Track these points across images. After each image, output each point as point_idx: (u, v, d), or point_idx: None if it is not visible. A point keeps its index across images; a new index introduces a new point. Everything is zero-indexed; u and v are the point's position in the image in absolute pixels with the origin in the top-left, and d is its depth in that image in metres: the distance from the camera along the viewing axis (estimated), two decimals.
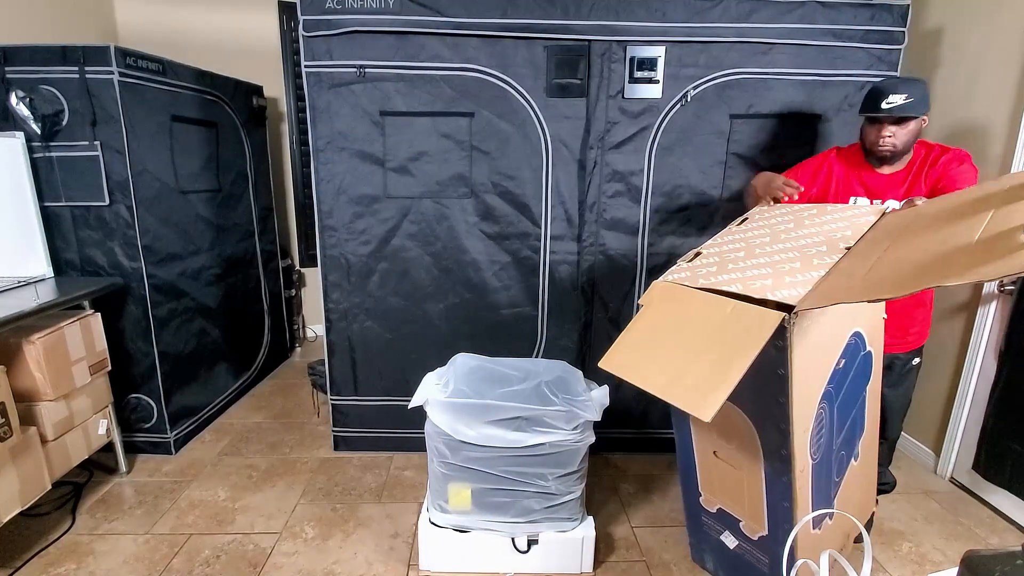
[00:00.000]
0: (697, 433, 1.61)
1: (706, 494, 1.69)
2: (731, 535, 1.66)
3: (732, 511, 1.62)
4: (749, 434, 1.43)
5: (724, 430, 1.50)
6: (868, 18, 2.10)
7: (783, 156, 2.23)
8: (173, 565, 1.84)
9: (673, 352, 1.21)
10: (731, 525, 1.64)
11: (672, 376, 1.16)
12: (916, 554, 1.93)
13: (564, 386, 1.72)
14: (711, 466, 1.61)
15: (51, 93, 2.09)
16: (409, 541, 1.97)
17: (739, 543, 1.64)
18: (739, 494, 1.56)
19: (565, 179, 2.25)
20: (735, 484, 1.55)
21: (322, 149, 2.20)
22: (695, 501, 1.73)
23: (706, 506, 1.70)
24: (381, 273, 2.34)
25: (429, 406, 1.70)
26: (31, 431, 1.82)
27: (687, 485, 1.73)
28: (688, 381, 1.13)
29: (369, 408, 2.50)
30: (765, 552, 1.57)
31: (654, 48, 2.11)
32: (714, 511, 1.69)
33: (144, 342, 2.35)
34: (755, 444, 1.43)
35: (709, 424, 1.43)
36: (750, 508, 1.54)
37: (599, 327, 2.41)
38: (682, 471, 1.73)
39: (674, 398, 1.14)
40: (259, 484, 2.30)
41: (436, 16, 2.06)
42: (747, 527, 1.60)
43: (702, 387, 1.10)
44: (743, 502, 1.56)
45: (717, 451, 1.57)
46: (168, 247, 2.43)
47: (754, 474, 1.47)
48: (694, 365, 1.15)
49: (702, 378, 1.11)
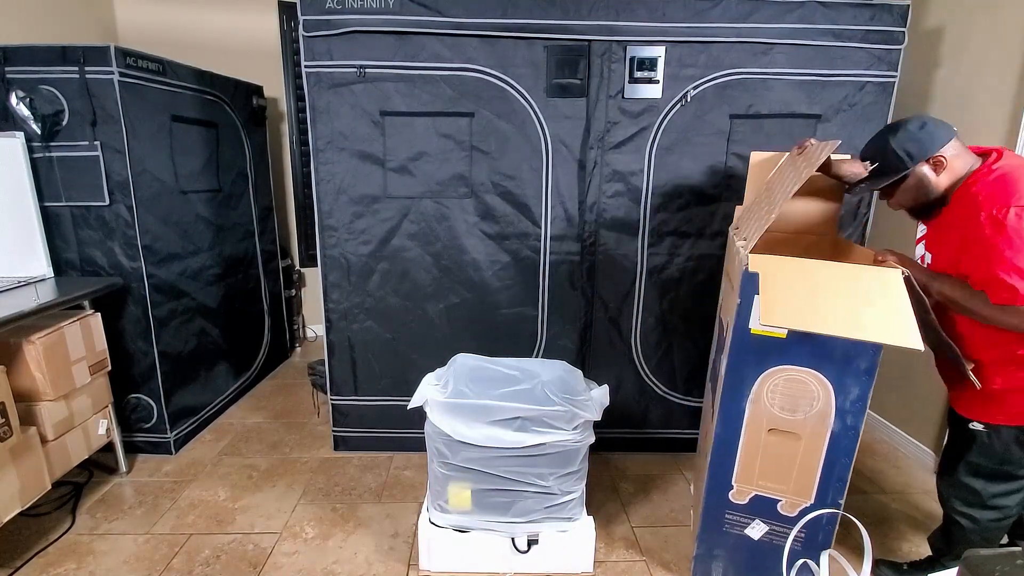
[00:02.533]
0: (754, 414, 1.61)
1: (739, 485, 1.69)
2: (761, 523, 1.68)
3: (772, 492, 1.65)
4: (825, 398, 1.52)
5: (792, 401, 1.56)
6: (868, 18, 2.10)
7: None
8: (173, 565, 1.84)
9: (829, 306, 1.37)
10: (765, 511, 1.67)
11: (851, 323, 1.34)
12: (916, 554, 1.93)
13: (564, 386, 1.72)
14: (758, 448, 1.63)
15: (51, 93, 2.10)
16: (409, 541, 1.97)
17: (769, 529, 1.67)
18: (787, 469, 1.61)
19: (565, 179, 2.25)
20: (787, 459, 1.60)
21: (322, 149, 2.20)
22: (721, 497, 1.71)
23: (736, 499, 1.70)
24: (381, 273, 2.34)
25: (429, 406, 1.70)
26: (31, 431, 1.82)
27: (717, 480, 1.70)
28: (871, 327, 1.32)
29: (369, 408, 2.50)
30: (806, 526, 1.62)
31: (654, 48, 2.11)
32: (745, 502, 1.69)
33: (144, 342, 2.35)
34: (828, 408, 1.52)
35: (772, 399, 1.57)
36: (799, 481, 1.60)
37: (599, 327, 2.41)
38: (713, 467, 1.69)
39: (878, 337, 1.32)
40: (259, 484, 2.30)
41: (436, 16, 2.06)
42: (787, 505, 1.64)
43: (893, 329, 1.30)
44: (790, 477, 1.61)
45: (775, 427, 1.60)
46: (168, 247, 2.43)
47: (817, 439, 1.55)
48: (863, 315, 1.33)
49: (884, 322, 1.31)
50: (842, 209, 1.95)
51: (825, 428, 1.53)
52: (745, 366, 1.57)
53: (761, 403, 1.58)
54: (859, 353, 1.45)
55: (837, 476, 1.56)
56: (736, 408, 1.61)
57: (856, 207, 2.29)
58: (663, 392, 2.49)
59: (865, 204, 2.29)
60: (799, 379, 1.53)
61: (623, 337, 2.43)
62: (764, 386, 1.57)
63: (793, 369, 1.53)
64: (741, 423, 1.62)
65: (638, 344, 2.43)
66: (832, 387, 1.50)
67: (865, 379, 1.47)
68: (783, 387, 1.55)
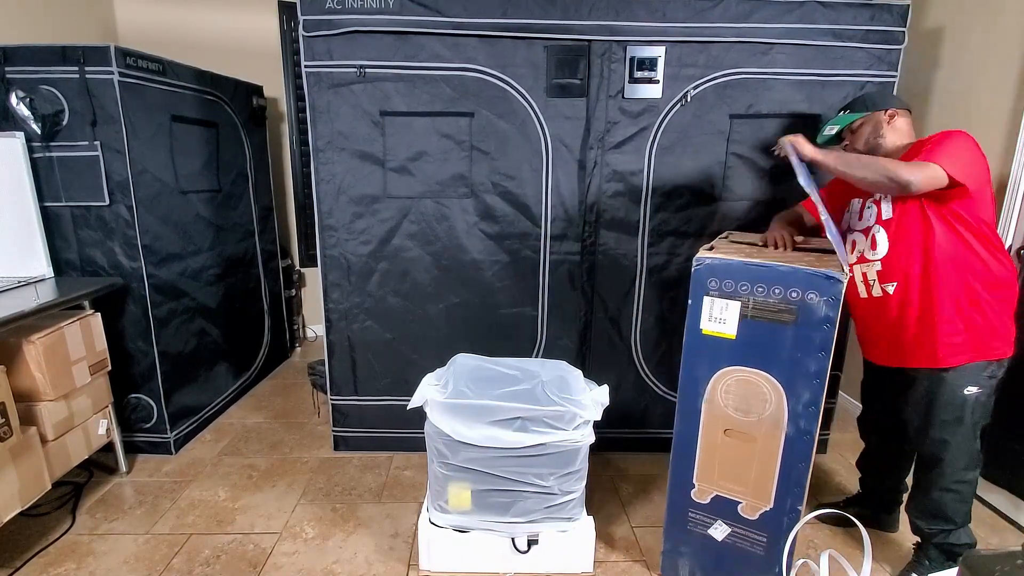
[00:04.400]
0: (709, 414, 1.64)
1: (701, 484, 1.71)
2: (723, 524, 1.69)
3: (732, 494, 1.66)
4: (777, 401, 1.53)
5: (746, 402, 1.58)
6: (868, 18, 2.10)
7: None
8: (173, 565, 1.84)
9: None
10: (726, 512, 1.68)
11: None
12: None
13: (564, 386, 1.72)
14: (716, 449, 1.65)
15: (51, 93, 2.10)
16: (409, 541, 1.97)
17: (731, 531, 1.68)
18: (746, 471, 1.62)
19: (565, 179, 2.25)
20: (744, 461, 1.61)
21: (322, 149, 2.20)
22: (684, 496, 1.74)
23: (697, 499, 1.72)
24: (381, 273, 2.34)
25: (428, 407, 1.70)
26: (31, 431, 1.82)
27: (679, 479, 1.74)
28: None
29: (369, 408, 2.50)
30: (763, 530, 1.63)
31: (654, 48, 2.11)
32: (706, 502, 1.71)
33: (144, 342, 2.35)
34: (781, 411, 1.53)
35: (726, 399, 1.59)
36: (757, 484, 1.61)
37: (599, 327, 2.41)
38: (676, 464, 1.73)
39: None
40: (259, 484, 2.30)
41: (436, 16, 2.06)
42: (747, 508, 1.64)
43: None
44: (748, 480, 1.62)
45: (729, 428, 1.62)
46: (168, 247, 2.43)
47: (772, 442, 1.56)
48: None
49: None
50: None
51: (779, 431, 1.54)
52: (698, 366, 1.61)
53: (716, 403, 1.61)
54: (807, 355, 1.47)
55: (795, 481, 1.56)
56: (693, 406, 1.65)
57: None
58: (663, 392, 2.49)
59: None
60: (751, 380, 1.55)
61: (623, 337, 2.43)
62: (718, 386, 1.60)
63: (744, 370, 1.56)
64: (698, 422, 1.65)
65: (638, 344, 2.43)
66: (784, 390, 1.52)
67: (816, 383, 1.47)
68: (735, 388, 1.58)
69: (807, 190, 1.60)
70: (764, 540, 1.63)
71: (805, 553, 1.92)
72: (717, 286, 1.54)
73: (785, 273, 1.46)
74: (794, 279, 1.45)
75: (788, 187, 2.28)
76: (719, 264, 1.53)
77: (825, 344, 1.45)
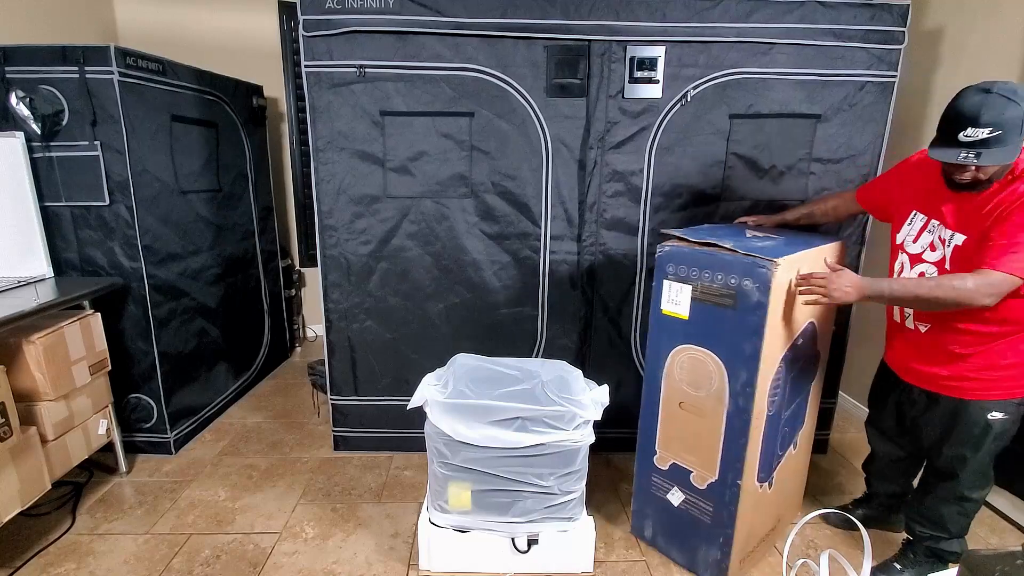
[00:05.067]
0: (668, 387, 1.79)
1: (661, 451, 1.86)
2: (679, 491, 1.82)
3: (685, 463, 1.79)
4: (720, 378, 1.64)
5: (695, 378, 1.70)
6: (868, 18, 2.10)
7: (782, 156, 2.24)
8: (173, 565, 1.84)
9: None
10: (681, 480, 1.81)
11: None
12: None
13: (564, 386, 1.72)
14: (673, 419, 1.80)
15: (51, 93, 2.10)
16: (409, 541, 1.97)
17: (685, 497, 1.81)
18: (697, 443, 1.74)
19: (565, 179, 2.25)
20: (695, 434, 1.74)
21: (322, 149, 2.20)
22: (648, 460, 1.89)
23: (659, 464, 1.87)
24: (381, 273, 2.34)
25: (428, 407, 1.70)
26: (31, 431, 1.82)
27: (645, 445, 1.89)
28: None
29: (369, 408, 2.50)
30: (710, 499, 1.74)
31: (654, 48, 2.11)
32: (666, 468, 1.85)
33: (144, 342, 2.35)
34: (723, 388, 1.64)
35: (681, 374, 1.73)
36: (705, 456, 1.73)
37: (599, 327, 2.41)
38: (642, 431, 1.89)
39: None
40: (259, 484, 2.30)
41: (436, 16, 2.06)
42: (697, 477, 1.77)
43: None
44: (699, 451, 1.74)
45: (683, 402, 1.75)
46: (168, 247, 2.43)
47: (716, 418, 1.67)
48: None
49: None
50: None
51: (722, 407, 1.65)
52: (660, 343, 1.77)
53: (672, 377, 1.77)
54: (744, 338, 1.56)
55: (735, 456, 1.65)
56: (655, 379, 1.81)
57: None
58: None
59: None
60: (699, 358, 1.68)
61: (623, 337, 2.43)
62: (674, 362, 1.75)
63: (694, 348, 1.69)
64: (659, 395, 1.81)
65: (638, 344, 2.43)
66: (725, 369, 1.62)
67: (751, 363, 1.56)
68: (688, 364, 1.72)
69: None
70: (711, 509, 1.75)
71: (805, 553, 1.92)
72: (674, 271, 1.68)
73: (726, 260, 1.56)
74: (732, 266, 1.55)
75: (788, 187, 2.28)
76: (675, 251, 1.67)
77: (758, 328, 1.53)
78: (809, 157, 2.25)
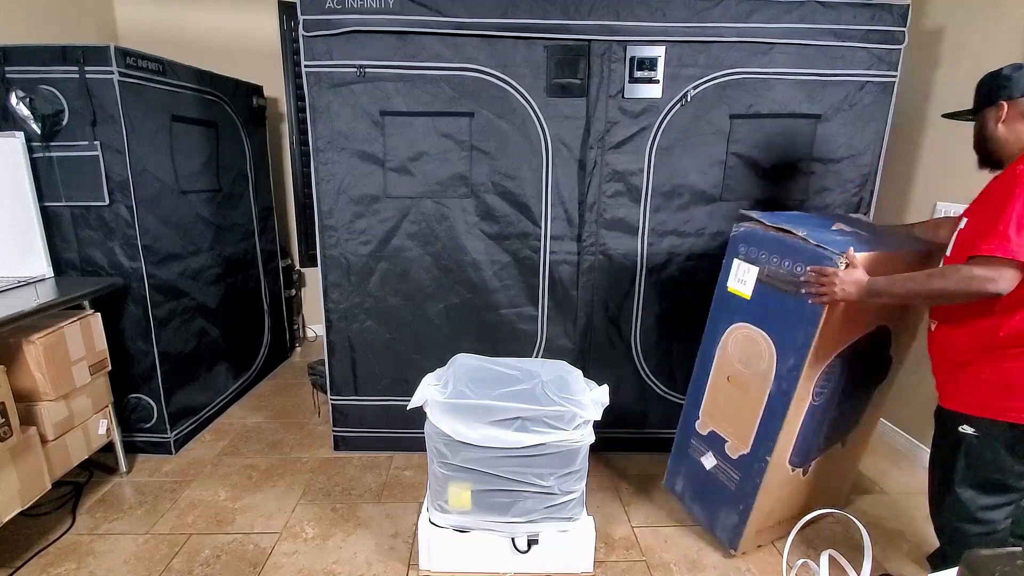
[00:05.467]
0: (719, 360, 1.87)
1: (704, 417, 1.96)
2: (712, 456, 1.91)
3: (723, 432, 1.88)
4: (769, 359, 1.68)
5: (747, 355, 1.76)
6: (868, 18, 2.10)
7: (783, 156, 2.23)
8: (173, 565, 1.84)
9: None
10: (717, 447, 1.90)
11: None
12: (916, 554, 1.93)
13: (564, 386, 1.72)
14: (719, 390, 1.88)
15: (51, 93, 2.09)
16: (409, 541, 1.97)
17: (718, 463, 1.89)
18: (737, 416, 1.81)
19: (565, 179, 2.25)
20: (737, 407, 1.81)
21: (322, 149, 2.20)
22: (691, 425, 2.00)
23: (699, 429, 1.97)
24: (381, 273, 2.34)
25: (428, 407, 1.70)
26: (31, 431, 1.81)
27: (690, 409, 2.00)
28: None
29: (369, 408, 2.50)
30: (740, 469, 1.82)
31: (654, 48, 2.11)
32: (705, 433, 1.95)
33: (144, 342, 2.35)
34: (771, 369, 1.68)
35: (734, 350, 1.80)
36: (742, 429, 1.80)
37: (599, 327, 2.41)
38: (691, 395, 1.99)
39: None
40: (259, 484, 2.30)
41: (436, 16, 2.06)
42: (732, 447, 1.85)
43: None
44: (738, 423, 1.81)
45: (732, 376, 1.82)
46: (168, 247, 2.43)
47: (759, 394, 1.72)
48: None
49: None
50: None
51: (766, 387, 1.70)
52: (720, 318, 1.86)
53: (726, 351, 1.84)
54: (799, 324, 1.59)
55: (769, 435, 1.71)
56: (710, 351, 1.90)
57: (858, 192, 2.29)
58: (663, 392, 2.49)
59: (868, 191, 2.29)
60: (754, 337, 1.74)
61: (623, 337, 2.43)
62: (729, 338, 1.82)
63: (751, 327, 1.75)
64: (711, 366, 1.90)
65: (638, 344, 2.43)
66: (776, 351, 1.67)
67: (802, 351, 1.59)
68: (742, 342, 1.78)
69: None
70: (737, 479, 1.83)
71: (805, 553, 1.92)
72: (745, 251, 1.75)
73: (796, 247, 1.59)
74: (800, 253, 1.57)
75: (788, 187, 2.28)
76: (749, 232, 1.75)
77: (814, 318, 1.54)
78: (809, 157, 2.25)
